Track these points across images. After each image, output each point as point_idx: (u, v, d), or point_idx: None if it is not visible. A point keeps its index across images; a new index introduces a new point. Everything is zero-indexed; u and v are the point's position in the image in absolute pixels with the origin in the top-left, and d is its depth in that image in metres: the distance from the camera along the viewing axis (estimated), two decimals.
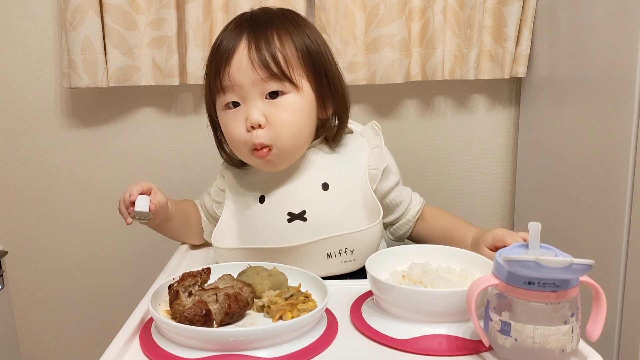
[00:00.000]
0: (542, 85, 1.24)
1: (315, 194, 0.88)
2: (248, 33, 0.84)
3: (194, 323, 0.63)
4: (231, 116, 0.86)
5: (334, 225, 0.85)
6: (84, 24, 1.14)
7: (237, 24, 0.87)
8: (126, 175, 1.32)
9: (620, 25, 0.94)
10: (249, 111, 0.84)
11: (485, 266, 0.73)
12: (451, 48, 1.26)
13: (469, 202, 1.40)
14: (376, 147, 0.93)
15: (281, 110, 0.84)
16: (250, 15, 0.89)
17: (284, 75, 0.84)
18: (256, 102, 0.84)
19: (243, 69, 0.83)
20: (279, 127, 0.84)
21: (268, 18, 0.87)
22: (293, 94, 0.85)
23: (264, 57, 0.83)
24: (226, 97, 0.86)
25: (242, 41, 0.84)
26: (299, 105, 0.86)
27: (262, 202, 0.89)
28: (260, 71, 0.83)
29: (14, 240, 1.34)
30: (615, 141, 0.95)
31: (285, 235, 0.85)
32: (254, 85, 0.83)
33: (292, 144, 0.86)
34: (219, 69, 0.85)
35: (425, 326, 0.65)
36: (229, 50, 0.84)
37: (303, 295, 0.70)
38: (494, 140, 1.38)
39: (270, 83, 0.83)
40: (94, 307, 1.38)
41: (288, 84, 0.84)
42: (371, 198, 0.88)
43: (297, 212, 0.86)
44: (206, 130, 1.30)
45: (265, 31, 0.85)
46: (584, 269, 0.54)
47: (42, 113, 1.28)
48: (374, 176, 0.90)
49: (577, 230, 1.08)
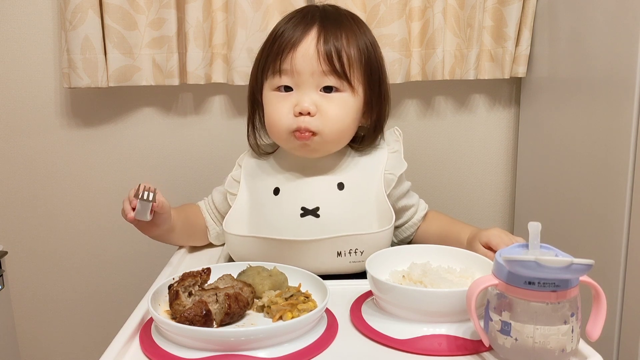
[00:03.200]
0: (542, 85, 1.24)
1: (330, 192, 0.89)
2: (319, 25, 0.86)
3: (194, 323, 0.63)
4: (280, 98, 0.87)
5: (346, 224, 0.86)
6: (84, 23, 1.14)
7: (305, 14, 0.89)
8: (126, 175, 1.32)
9: (620, 25, 0.94)
10: (301, 98, 0.85)
11: (486, 266, 0.73)
12: (451, 48, 1.26)
13: (469, 202, 1.40)
14: (395, 152, 0.95)
15: (333, 104, 0.86)
16: (323, 9, 0.91)
17: (344, 73, 0.85)
18: (310, 91, 0.86)
19: (308, 57, 0.85)
20: (328, 118, 0.86)
21: (338, 16, 0.90)
22: (347, 94, 0.87)
23: (330, 52, 0.85)
24: (281, 80, 0.87)
25: (312, 31, 0.86)
26: (350, 104, 0.88)
27: (276, 194, 0.90)
28: (324, 64, 0.84)
29: (14, 240, 1.34)
30: (615, 141, 0.95)
31: (297, 229, 0.86)
32: (313, 76, 0.85)
33: (335, 138, 0.88)
34: (282, 51, 0.86)
35: (425, 326, 0.65)
36: (297, 35, 0.85)
37: (303, 295, 0.70)
38: (494, 140, 1.38)
39: (329, 77, 0.85)
40: (94, 307, 1.38)
41: (345, 83, 0.86)
42: (384, 202, 0.89)
43: (310, 208, 0.87)
44: (206, 130, 1.32)
45: (336, 28, 0.87)
46: (584, 269, 0.54)
47: (42, 113, 1.28)
48: (389, 181, 0.92)
49: (577, 230, 1.08)
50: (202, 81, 1.23)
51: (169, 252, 0.99)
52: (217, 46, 1.22)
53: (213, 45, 1.22)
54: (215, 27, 1.21)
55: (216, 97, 1.31)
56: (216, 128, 1.32)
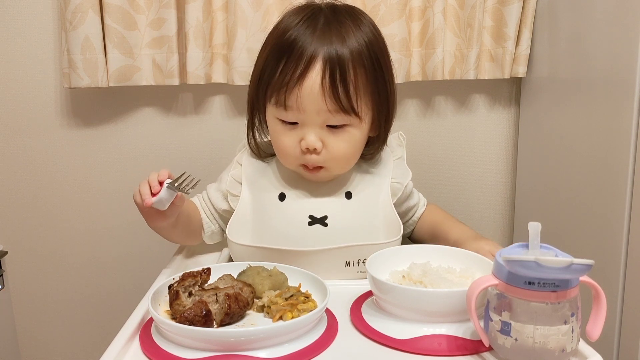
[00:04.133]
0: (542, 85, 1.24)
1: (338, 201, 0.88)
2: (324, 55, 0.79)
3: (194, 323, 0.63)
4: (285, 132, 0.84)
5: (354, 234, 0.84)
6: (84, 23, 1.14)
7: (310, 26, 0.81)
8: (126, 175, 1.32)
9: (620, 25, 0.94)
10: (307, 135, 0.82)
11: (486, 266, 0.73)
12: (451, 48, 1.26)
13: (469, 202, 1.40)
14: (399, 159, 0.94)
15: (340, 139, 0.83)
16: (326, 24, 0.82)
17: (352, 110, 0.81)
18: (315, 128, 0.82)
19: (313, 95, 0.80)
20: (335, 153, 0.84)
21: (345, 35, 0.81)
22: (354, 127, 0.84)
23: (337, 90, 0.80)
24: (286, 115, 0.83)
25: (317, 63, 0.79)
26: (357, 136, 0.85)
27: (282, 200, 0.88)
28: (330, 103, 0.80)
29: (14, 240, 1.34)
30: (615, 141, 0.95)
31: (305, 238, 0.84)
32: (318, 114, 0.81)
33: (343, 168, 0.88)
34: (287, 84, 0.80)
35: (425, 326, 0.65)
36: (298, 72, 0.80)
37: (303, 296, 0.70)
38: (494, 140, 1.38)
39: (336, 116, 0.81)
40: (94, 307, 1.38)
41: (353, 118, 0.82)
42: (392, 212, 0.89)
43: (318, 217, 0.86)
44: (206, 130, 1.32)
45: (342, 56, 0.80)
46: (584, 269, 0.54)
47: (42, 113, 1.28)
48: (396, 190, 0.91)
49: (577, 230, 1.08)
50: (202, 81, 1.23)
51: (169, 252, 0.99)
52: (217, 46, 1.22)
53: (213, 45, 1.22)
54: (215, 27, 1.21)
55: (216, 97, 1.31)
56: (216, 128, 1.32)
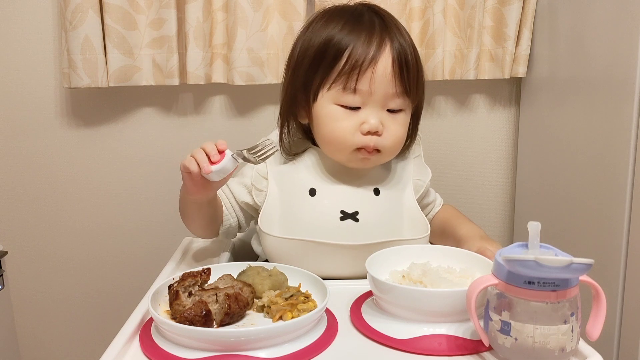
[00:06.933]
0: (542, 85, 1.24)
1: (368, 197, 0.89)
2: (391, 40, 0.83)
3: (194, 323, 0.63)
4: (345, 116, 0.85)
5: (383, 230, 0.86)
6: (84, 23, 1.14)
7: (361, 21, 0.84)
8: (126, 175, 1.32)
9: (620, 25, 0.94)
10: (369, 117, 0.84)
11: (485, 266, 0.73)
12: (451, 48, 1.26)
13: (469, 202, 1.40)
14: (418, 157, 0.97)
15: (397, 123, 0.86)
16: (378, 18, 0.86)
17: (411, 92, 0.85)
18: (377, 110, 0.85)
19: (386, 77, 0.83)
20: (393, 136, 0.86)
21: (401, 28, 0.87)
22: (406, 112, 0.88)
23: (404, 73, 0.84)
24: (353, 99, 0.84)
25: (386, 47, 0.83)
26: (406, 121, 0.89)
27: (312, 195, 0.88)
28: (398, 86, 0.84)
29: (14, 240, 1.34)
30: (615, 141, 0.95)
31: (337, 232, 0.85)
32: (385, 97, 0.84)
33: (394, 153, 0.90)
34: (359, 68, 0.82)
35: (425, 326, 0.65)
36: (370, 55, 0.82)
37: (303, 295, 0.70)
38: (494, 140, 1.38)
39: (396, 100, 0.85)
40: (94, 307, 1.38)
41: (408, 103, 0.86)
42: (416, 209, 0.91)
43: (350, 212, 0.86)
44: (206, 130, 1.32)
45: (405, 44, 0.85)
46: (584, 269, 0.54)
47: (42, 113, 1.28)
48: (418, 187, 0.94)
49: (577, 230, 1.08)
50: (202, 81, 1.23)
51: (169, 252, 0.99)
52: (217, 46, 1.22)
53: (213, 45, 1.22)
54: (215, 27, 1.21)
55: (216, 97, 1.31)
56: (216, 128, 1.32)
